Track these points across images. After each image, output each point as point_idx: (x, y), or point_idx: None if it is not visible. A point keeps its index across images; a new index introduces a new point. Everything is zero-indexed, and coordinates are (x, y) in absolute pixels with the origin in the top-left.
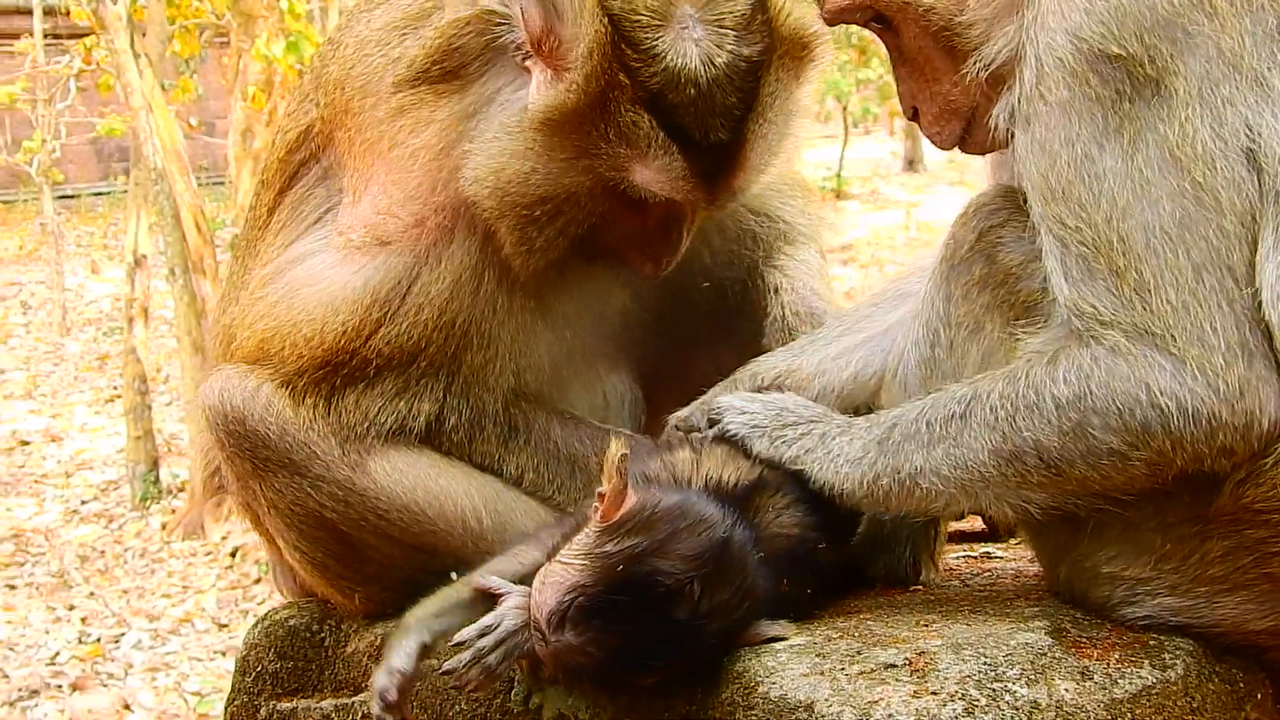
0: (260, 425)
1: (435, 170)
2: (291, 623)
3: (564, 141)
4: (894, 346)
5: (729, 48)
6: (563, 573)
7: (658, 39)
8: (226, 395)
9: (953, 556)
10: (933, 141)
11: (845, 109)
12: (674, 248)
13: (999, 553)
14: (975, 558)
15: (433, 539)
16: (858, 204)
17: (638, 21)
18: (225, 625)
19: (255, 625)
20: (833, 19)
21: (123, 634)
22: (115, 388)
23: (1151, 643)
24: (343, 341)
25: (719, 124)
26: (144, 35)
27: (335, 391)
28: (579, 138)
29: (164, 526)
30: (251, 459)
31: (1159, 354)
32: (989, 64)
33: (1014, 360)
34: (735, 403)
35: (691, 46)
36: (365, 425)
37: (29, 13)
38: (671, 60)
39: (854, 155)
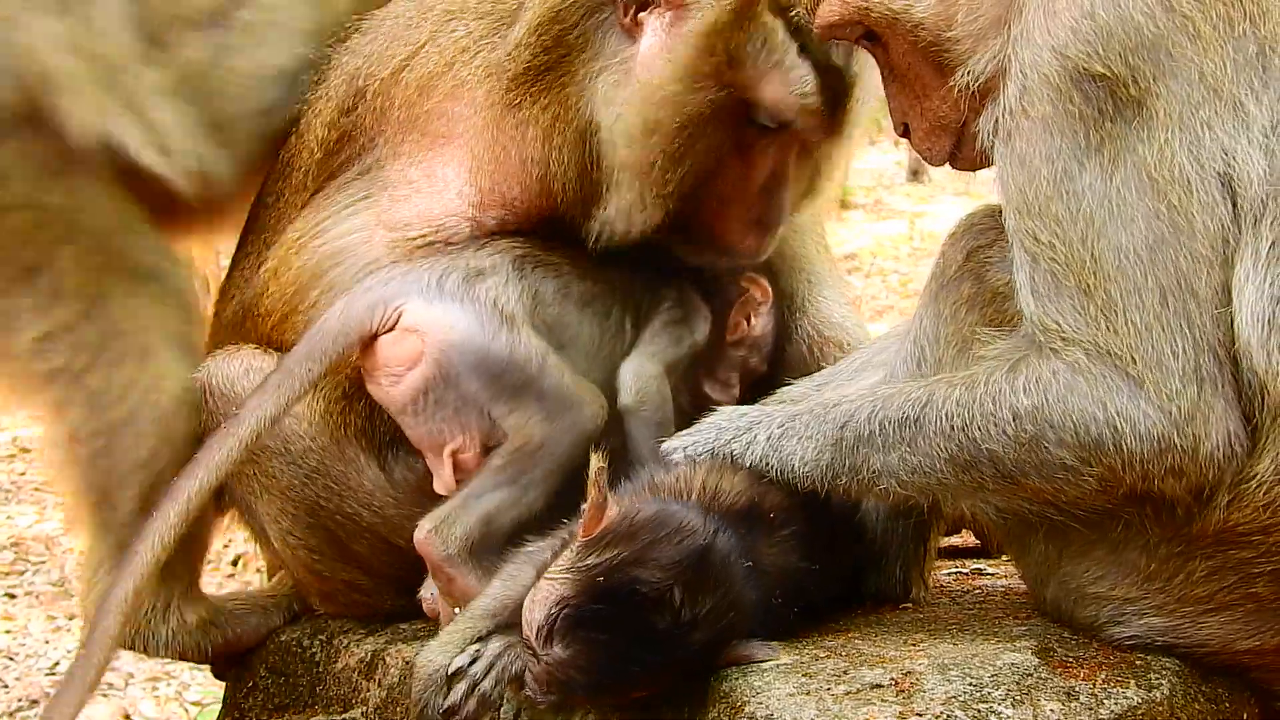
0: None
1: (527, 172)
2: (283, 638)
3: (701, 63)
4: (886, 364)
5: None
6: (548, 588)
7: None
8: (233, 380)
9: (944, 573)
10: (924, 158)
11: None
12: (779, 207)
13: (990, 569)
14: (966, 574)
15: None
16: (862, 214)
17: None
18: None
19: None
20: (824, 35)
21: None
22: None
23: (1138, 663)
24: None
25: (837, 49)
26: None
27: (343, 389)
28: (716, 58)
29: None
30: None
31: (1118, 375)
32: (977, 78)
33: (973, 365)
34: (675, 443)
35: None
36: (366, 425)
37: None
38: None
39: (858, 165)
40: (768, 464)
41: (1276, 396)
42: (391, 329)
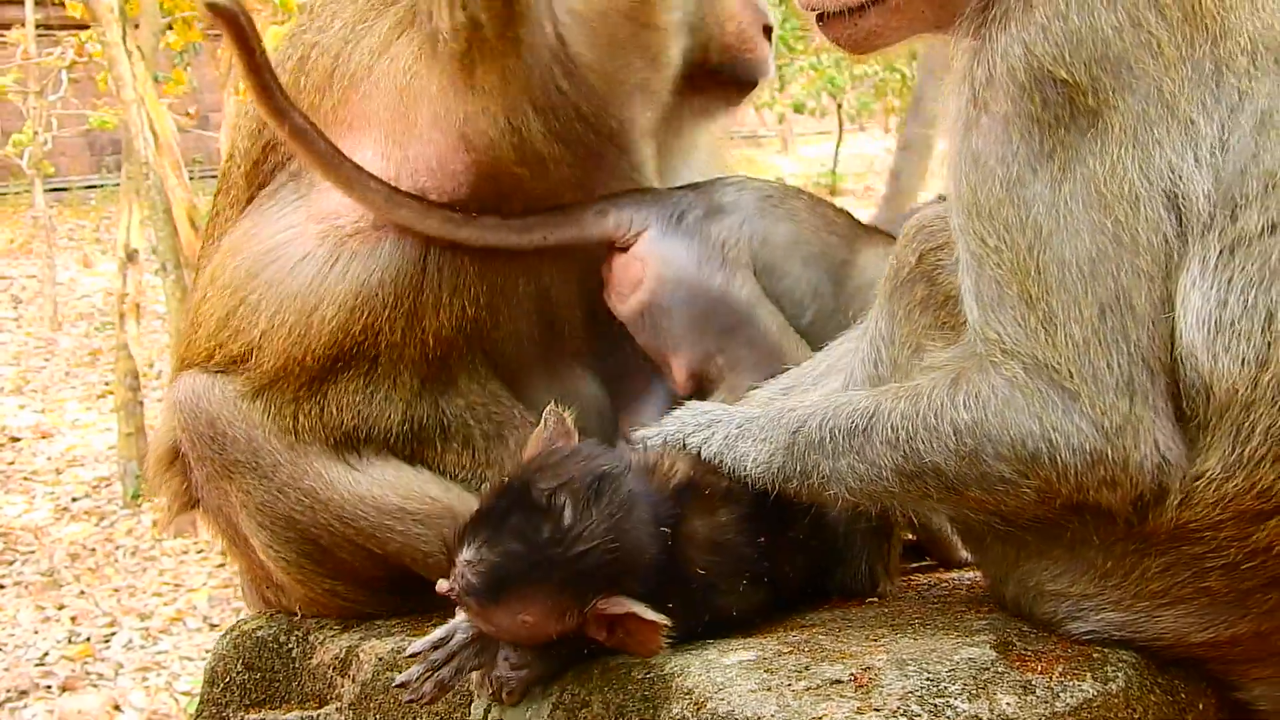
0: (229, 427)
1: (443, 128)
2: (260, 634)
3: None
4: (846, 368)
5: None
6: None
7: None
8: (198, 396)
9: (913, 566)
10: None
11: (840, 105)
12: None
13: None
14: (934, 568)
15: (401, 547)
16: (852, 200)
17: None
18: (217, 625)
19: (224, 636)
20: None
21: (113, 633)
22: (107, 384)
23: (1095, 656)
24: (326, 338)
25: None
26: (137, 28)
27: (308, 391)
28: None
29: (155, 524)
30: (221, 461)
31: (1054, 389)
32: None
33: (918, 376)
34: (641, 434)
35: None
36: (333, 430)
37: (21, 2)
38: None
39: (848, 152)
40: (722, 462)
41: (1221, 397)
42: (626, 249)
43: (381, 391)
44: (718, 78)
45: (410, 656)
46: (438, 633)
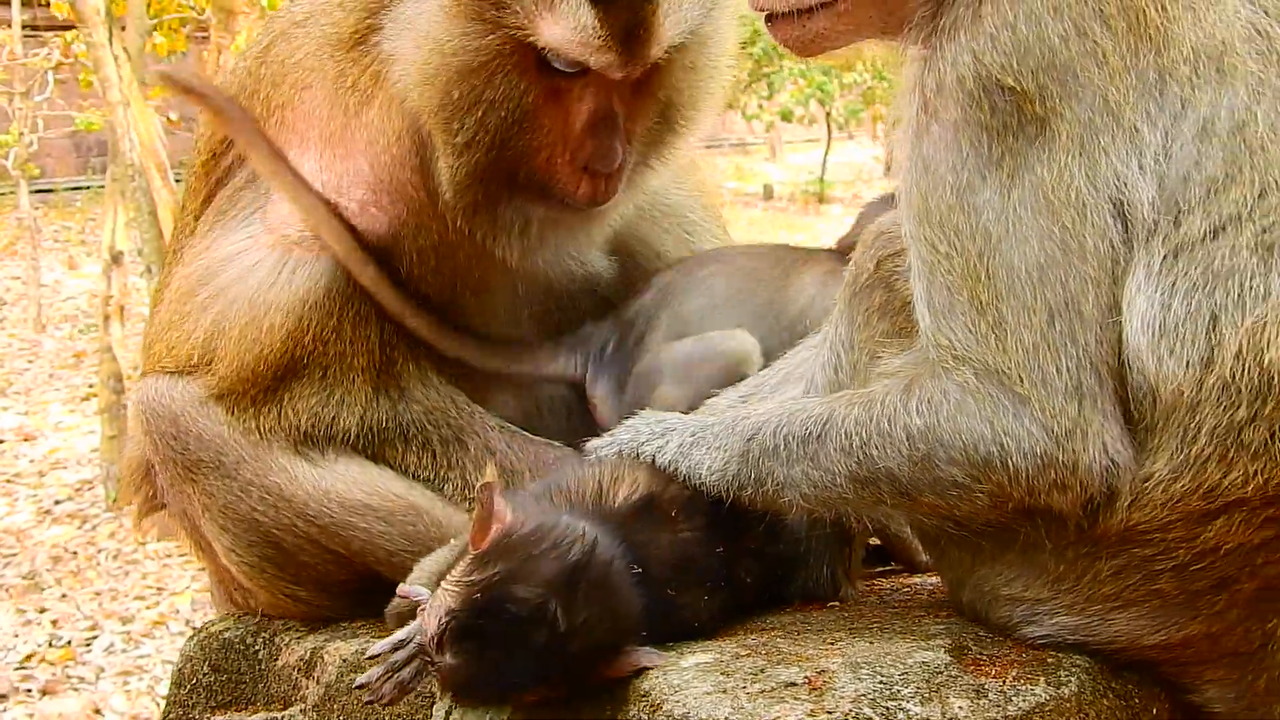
0: (191, 428)
1: (378, 146)
2: (226, 635)
3: (467, 8)
4: (806, 375)
5: None
6: (440, 598)
7: None
8: (159, 398)
9: (876, 571)
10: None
11: (829, 113)
12: (607, 153)
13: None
14: (898, 573)
15: (365, 545)
16: (840, 208)
17: None
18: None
19: (191, 638)
20: None
21: (95, 637)
22: (91, 386)
23: (1049, 660)
24: (278, 345)
25: None
26: (123, 30)
27: (265, 396)
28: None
29: (135, 525)
30: (184, 462)
31: (1005, 394)
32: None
33: (870, 382)
34: (594, 443)
35: None
36: (293, 431)
37: (7, 3)
38: None
39: (836, 159)
40: (677, 470)
41: (1167, 399)
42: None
43: (336, 396)
44: (550, 199)
45: (371, 658)
46: (399, 634)
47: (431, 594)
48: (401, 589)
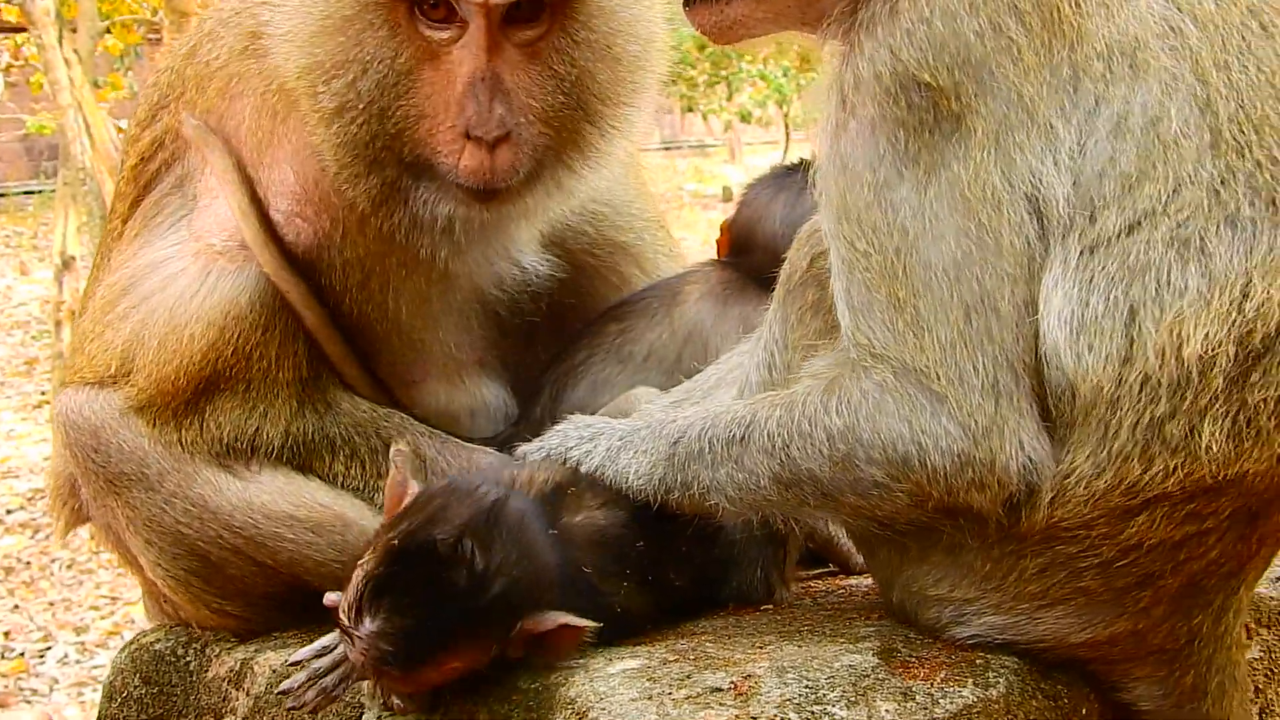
0: (113, 440)
1: (304, 154)
2: (157, 647)
3: None
4: (740, 378)
5: None
6: (356, 572)
7: None
8: (80, 410)
9: (813, 573)
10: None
11: (786, 115)
12: (487, 116)
13: None
14: (834, 574)
15: (293, 556)
16: None
17: None
18: None
19: (122, 650)
20: None
21: (48, 648)
22: (43, 393)
23: (978, 661)
24: (198, 357)
25: None
26: (74, 31)
27: (186, 408)
28: None
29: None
30: (106, 475)
31: (923, 393)
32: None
33: (795, 383)
34: (524, 448)
35: None
36: (216, 443)
37: None
38: None
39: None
40: (604, 474)
41: (1086, 395)
42: None
43: (260, 409)
44: (438, 179)
45: (293, 664)
46: (322, 640)
47: None
48: (328, 598)
